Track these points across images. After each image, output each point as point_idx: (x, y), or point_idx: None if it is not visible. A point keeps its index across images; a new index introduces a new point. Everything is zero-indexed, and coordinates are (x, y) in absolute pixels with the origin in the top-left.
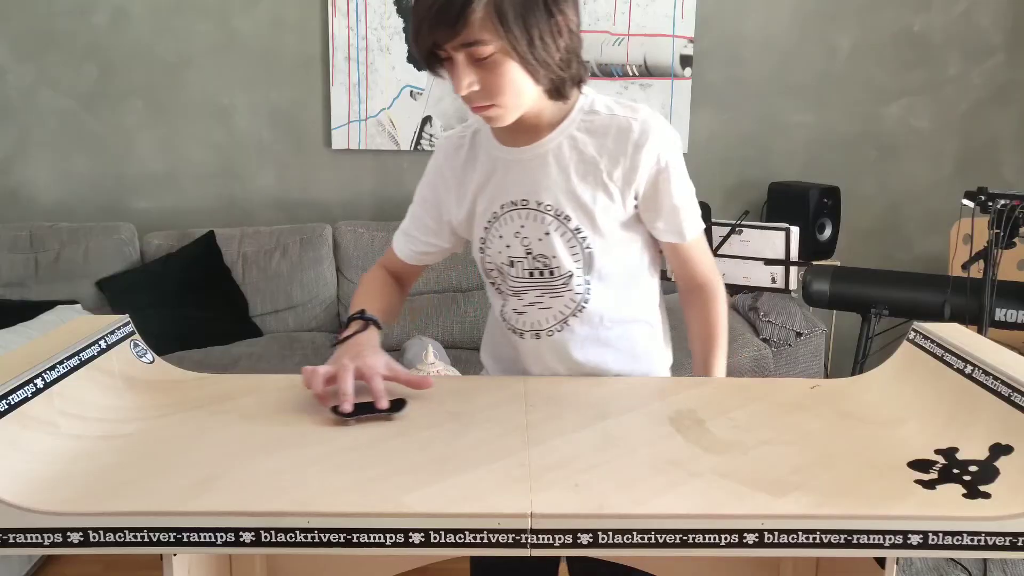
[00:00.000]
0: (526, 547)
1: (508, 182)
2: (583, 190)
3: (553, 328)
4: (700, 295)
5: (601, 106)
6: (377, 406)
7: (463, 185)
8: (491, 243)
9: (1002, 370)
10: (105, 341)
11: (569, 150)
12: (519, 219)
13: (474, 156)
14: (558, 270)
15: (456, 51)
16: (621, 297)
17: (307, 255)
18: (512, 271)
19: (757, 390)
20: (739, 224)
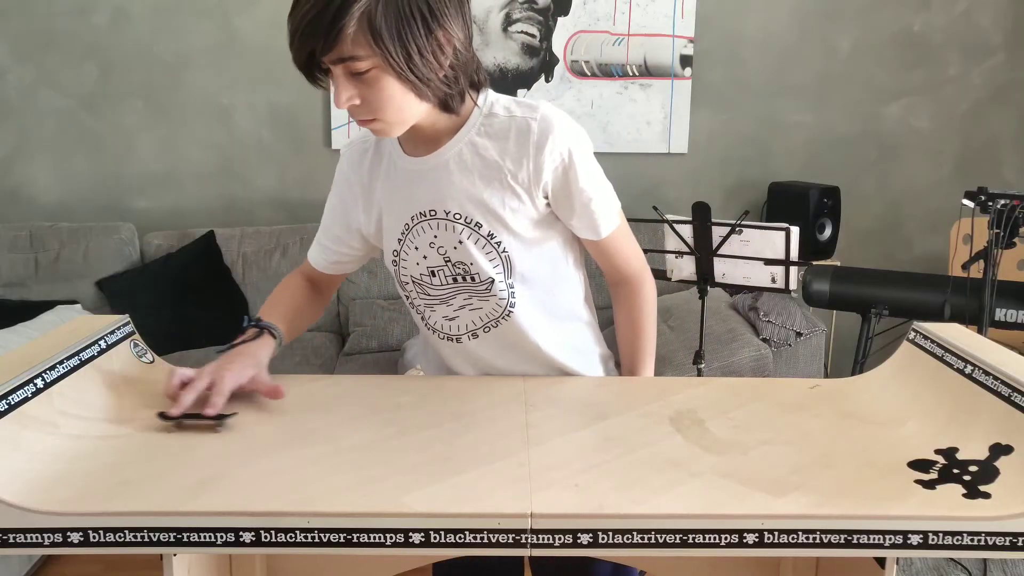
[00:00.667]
0: (526, 547)
1: (414, 192)
2: (490, 195)
3: (488, 325)
4: (624, 289)
5: (500, 108)
6: (204, 412)
7: (369, 193)
8: (406, 254)
9: (1002, 370)
10: (105, 341)
11: (471, 156)
12: (431, 229)
13: (378, 163)
14: (479, 276)
15: (333, 65)
16: (549, 296)
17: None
18: (434, 280)
19: (757, 390)
20: (739, 224)
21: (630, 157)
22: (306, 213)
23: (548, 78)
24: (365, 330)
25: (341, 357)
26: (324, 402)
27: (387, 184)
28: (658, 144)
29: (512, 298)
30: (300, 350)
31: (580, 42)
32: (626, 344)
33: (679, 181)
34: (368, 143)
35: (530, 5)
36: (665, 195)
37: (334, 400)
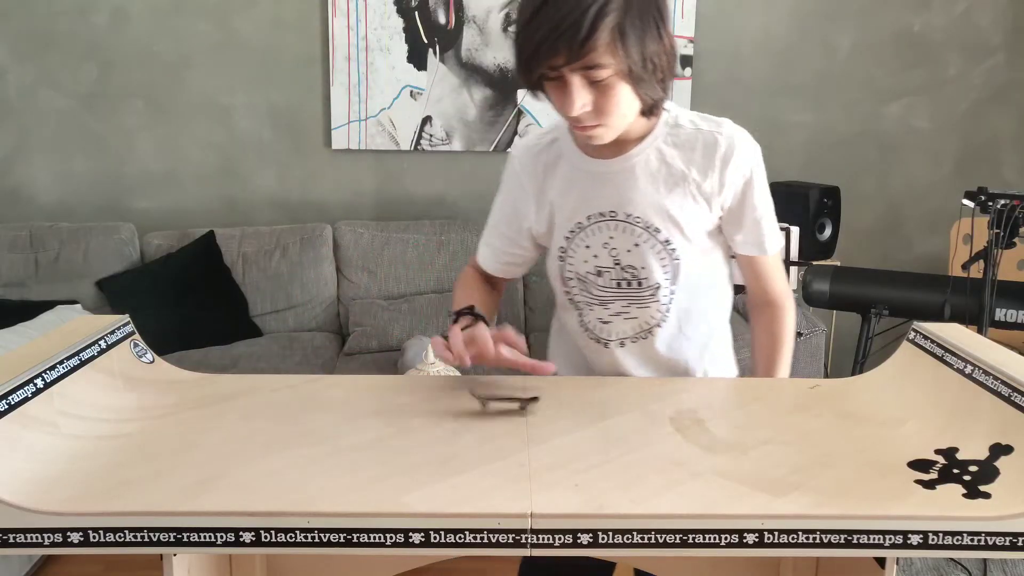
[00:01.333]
0: (526, 547)
1: (595, 193)
2: (672, 203)
3: (638, 336)
4: (770, 311)
5: (685, 120)
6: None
7: (543, 193)
8: (574, 253)
9: (1002, 370)
10: (105, 341)
11: (657, 163)
12: (607, 230)
13: (554, 164)
14: (646, 281)
15: (572, 73)
16: (702, 307)
17: (307, 255)
18: (599, 281)
19: (757, 390)
20: None
21: None
22: (306, 213)
23: None
24: (365, 330)
25: (341, 357)
26: (324, 402)
27: (563, 183)
28: None
29: (671, 306)
30: (300, 350)
31: None
32: (763, 361)
33: None
34: (541, 144)
35: None
36: None
37: (334, 400)
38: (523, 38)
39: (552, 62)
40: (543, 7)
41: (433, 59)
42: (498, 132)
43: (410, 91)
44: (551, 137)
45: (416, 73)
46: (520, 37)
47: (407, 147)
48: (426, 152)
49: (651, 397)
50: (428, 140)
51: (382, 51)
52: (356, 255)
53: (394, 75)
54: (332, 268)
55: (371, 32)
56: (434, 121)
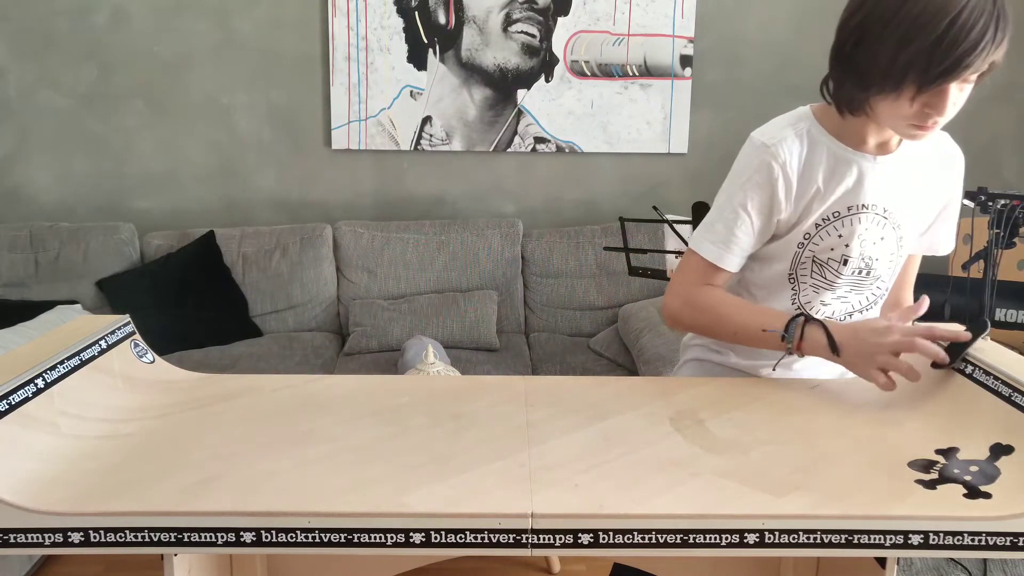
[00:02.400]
0: (527, 547)
1: (861, 186)
2: (919, 203)
3: (840, 319)
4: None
5: (942, 133)
6: (960, 339)
7: (805, 181)
8: (823, 239)
9: (1002, 370)
10: (105, 341)
11: (919, 165)
12: (864, 222)
13: (814, 153)
14: (875, 272)
15: (970, 75)
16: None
17: (307, 255)
18: (843, 268)
19: (757, 390)
20: None
21: (630, 157)
22: (306, 213)
23: (548, 78)
24: (365, 330)
25: (341, 357)
26: (324, 402)
27: (827, 173)
28: (658, 144)
29: (879, 298)
30: (300, 350)
31: (580, 42)
32: None
33: (679, 181)
34: (800, 138)
35: (530, 5)
36: (665, 195)
37: (334, 400)
38: (946, 42)
39: (967, 75)
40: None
41: (433, 59)
42: (498, 132)
43: (410, 91)
44: (804, 126)
45: (416, 73)
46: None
47: (407, 147)
48: (426, 152)
49: (651, 397)
50: (428, 140)
51: (382, 51)
52: (356, 255)
53: (394, 75)
54: (332, 268)
55: (371, 32)
56: (434, 121)
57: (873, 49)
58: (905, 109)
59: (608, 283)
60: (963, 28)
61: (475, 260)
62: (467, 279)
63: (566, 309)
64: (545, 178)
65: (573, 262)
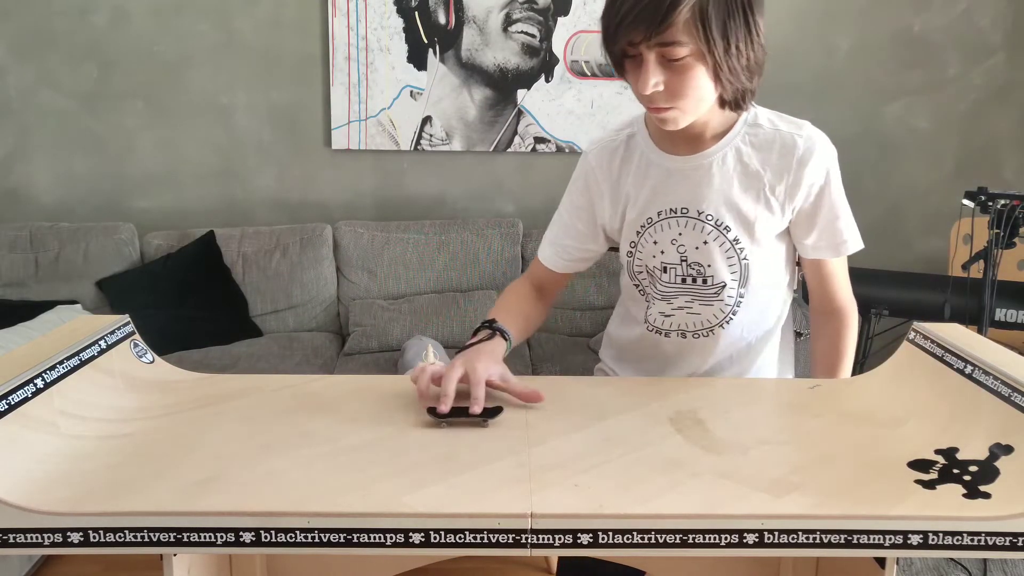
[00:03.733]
0: (526, 547)
1: (667, 189)
2: (745, 202)
3: (699, 332)
4: (834, 319)
5: (765, 120)
6: (470, 411)
7: (618, 188)
8: (643, 247)
9: (1002, 370)
10: (105, 341)
11: (734, 162)
12: (677, 227)
13: (629, 159)
14: (712, 279)
15: (649, 50)
16: (764, 309)
17: (307, 255)
18: (664, 276)
19: (757, 390)
20: None
21: None
22: (306, 213)
23: (548, 78)
24: (365, 330)
25: (341, 357)
26: (324, 402)
27: (637, 178)
28: None
29: (736, 307)
30: (300, 350)
31: (580, 42)
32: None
33: None
34: (617, 141)
35: (530, 5)
36: None
37: (334, 400)
38: (608, 14)
39: (631, 37)
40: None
41: (433, 59)
42: (498, 132)
43: (410, 91)
44: (627, 132)
45: (416, 73)
46: (605, 13)
47: (407, 147)
48: (426, 152)
49: (651, 397)
50: (428, 140)
51: (382, 51)
52: (356, 255)
53: (394, 75)
54: (332, 268)
55: (371, 32)
56: (434, 121)
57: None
58: (631, 84)
59: (608, 283)
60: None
61: (475, 260)
62: (467, 279)
63: (566, 309)
64: (545, 178)
65: None
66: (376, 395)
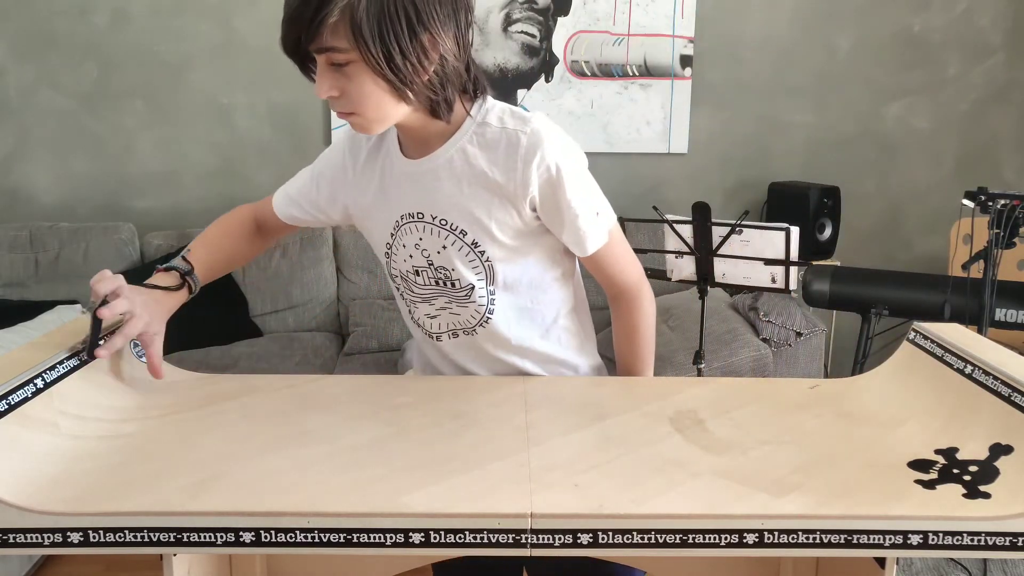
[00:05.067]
0: (526, 547)
1: (403, 194)
2: (476, 205)
3: (465, 331)
4: (620, 302)
5: (494, 118)
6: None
7: (361, 181)
8: (396, 251)
9: (1002, 370)
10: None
11: (461, 164)
12: (417, 231)
13: (376, 154)
14: (459, 282)
15: (317, 54)
16: (532, 305)
17: (307, 255)
18: (418, 279)
19: (757, 390)
20: (739, 224)
21: (630, 157)
22: None
23: (548, 78)
24: (365, 330)
25: (341, 357)
26: (324, 402)
27: (382, 179)
28: (658, 144)
29: (492, 306)
30: (300, 350)
31: (580, 42)
32: (623, 357)
33: (679, 181)
34: (374, 140)
35: (530, 5)
36: (665, 195)
37: (334, 400)
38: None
39: (294, 39)
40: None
41: None
42: None
43: None
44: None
45: None
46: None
47: None
48: None
49: (651, 397)
50: None
51: None
52: (356, 255)
53: None
54: (332, 268)
55: None
56: None
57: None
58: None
59: None
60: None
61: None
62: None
63: None
64: None
65: None
66: (376, 395)
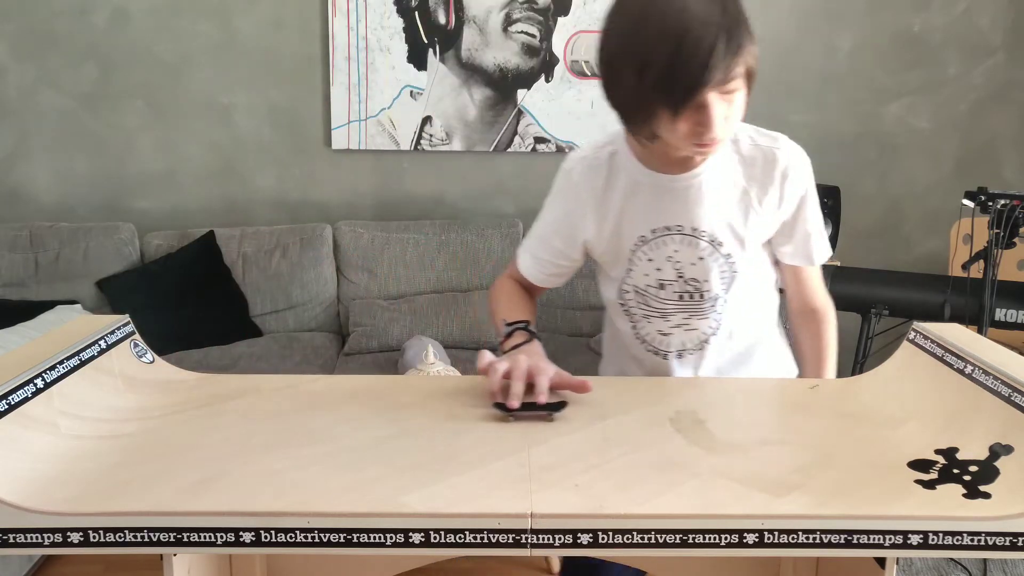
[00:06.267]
0: (526, 547)
1: (661, 207)
2: (735, 218)
3: (696, 347)
4: (814, 318)
5: (744, 136)
6: (537, 402)
7: (603, 206)
8: (635, 265)
9: (1002, 370)
10: (105, 341)
11: (721, 178)
12: (672, 244)
13: (614, 177)
14: (708, 293)
15: (712, 91)
16: (751, 313)
17: (307, 255)
18: (661, 293)
19: (757, 390)
20: None
21: None
22: (306, 213)
23: (548, 78)
24: (365, 330)
25: (341, 357)
26: (324, 402)
27: (626, 197)
28: None
29: (722, 318)
30: (300, 350)
31: (580, 42)
32: (811, 367)
33: None
34: (600, 159)
35: (530, 5)
36: None
37: (334, 400)
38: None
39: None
40: (682, 42)
41: (433, 59)
42: (498, 132)
43: (410, 91)
44: (609, 150)
45: (416, 73)
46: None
47: (407, 147)
48: (426, 152)
49: (651, 397)
50: (428, 140)
51: (382, 51)
52: (356, 255)
53: (394, 75)
54: (332, 268)
55: (371, 32)
56: (434, 121)
57: (622, 87)
58: (680, 130)
59: None
60: (691, 47)
61: (475, 260)
62: (467, 279)
63: (566, 309)
64: (545, 178)
65: None
66: (376, 395)
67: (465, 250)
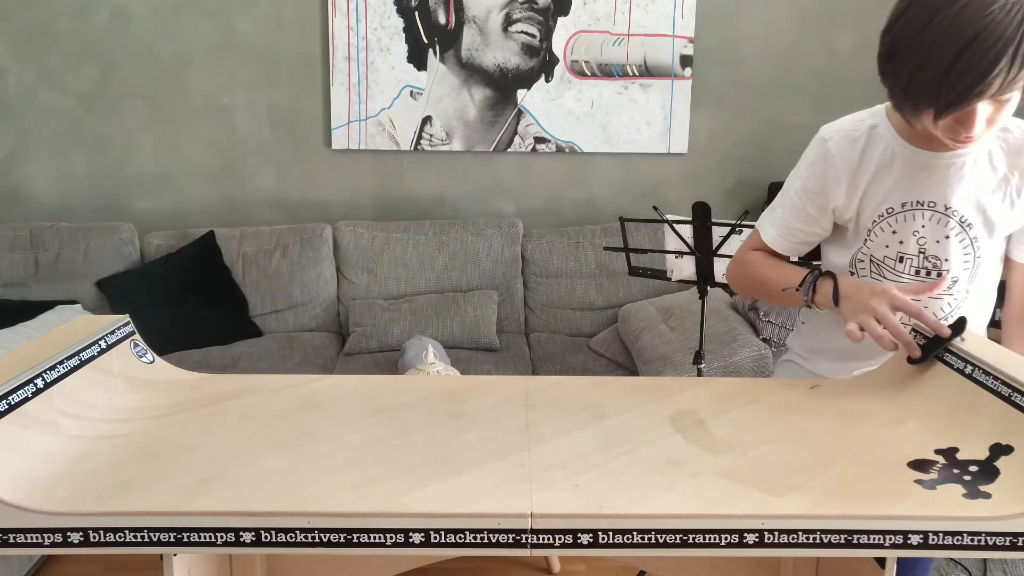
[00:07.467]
0: (526, 547)
1: (915, 182)
2: (991, 203)
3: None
4: None
5: (1014, 126)
6: (941, 334)
7: (856, 176)
8: (878, 235)
9: (1002, 370)
10: (105, 341)
11: (985, 162)
12: (921, 219)
13: (871, 149)
14: (946, 273)
15: (991, 98)
16: (980, 304)
17: (307, 255)
18: (899, 266)
19: (757, 390)
20: (739, 224)
21: (630, 157)
22: (306, 213)
23: (548, 78)
24: (365, 330)
25: (341, 357)
26: (324, 402)
27: (879, 168)
28: (658, 144)
29: (962, 301)
30: (300, 350)
31: (580, 42)
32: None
33: (679, 181)
34: (860, 131)
35: (530, 5)
36: (665, 195)
37: (334, 400)
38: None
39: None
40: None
41: (433, 59)
42: (498, 132)
43: (410, 91)
44: (871, 123)
45: (416, 73)
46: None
47: (407, 147)
48: (426, 152)
49: (651, 397)
50: (428, 140)
51: (382, 51)
52: (356, 255)
53: (394, 75)
54: (332, 268)
55: (371, 32)
56: (434, 121)
57: (897, 70)
58: (939, 124)
59: (608, 283)
60: (974, 57)
61: (475, 260)
62: (467, 279)
63: (566, 309)
64: (545, 178)
65: (573, 262)
66: (376, 395)
67: (465, 250)
